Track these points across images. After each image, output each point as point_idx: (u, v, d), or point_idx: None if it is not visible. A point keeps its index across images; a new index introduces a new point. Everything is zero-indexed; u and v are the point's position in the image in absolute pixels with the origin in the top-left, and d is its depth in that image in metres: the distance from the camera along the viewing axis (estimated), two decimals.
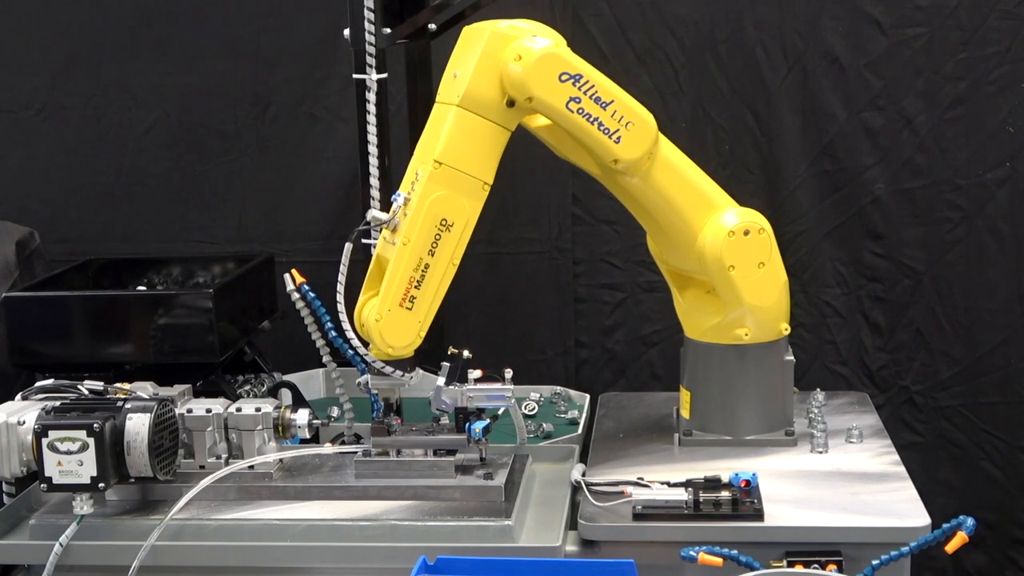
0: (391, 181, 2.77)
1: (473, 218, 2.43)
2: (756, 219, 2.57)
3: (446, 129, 2.41)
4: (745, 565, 2.16)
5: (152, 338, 2.71)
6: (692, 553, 2.14)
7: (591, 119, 2.43)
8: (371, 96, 2.70)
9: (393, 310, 2.39)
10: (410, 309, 2.40)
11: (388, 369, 2.47)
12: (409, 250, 2.39)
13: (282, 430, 2.50)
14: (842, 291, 3.34)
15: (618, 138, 2.45)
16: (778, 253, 2.60)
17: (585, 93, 2.42)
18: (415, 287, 2.39)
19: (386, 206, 2.75)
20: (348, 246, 2.44)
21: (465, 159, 2.42)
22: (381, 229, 2.46)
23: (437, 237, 2.39)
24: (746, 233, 2.55)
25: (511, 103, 2.43)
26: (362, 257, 2.78)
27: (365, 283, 2.49)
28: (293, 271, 2.63)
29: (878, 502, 2.38)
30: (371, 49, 2.69)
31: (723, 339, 2.63)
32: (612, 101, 2.44)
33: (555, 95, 2.41)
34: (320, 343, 2.67)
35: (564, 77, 2.41)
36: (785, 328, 2.65)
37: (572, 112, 2.42)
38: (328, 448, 2.57)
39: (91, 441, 2.28)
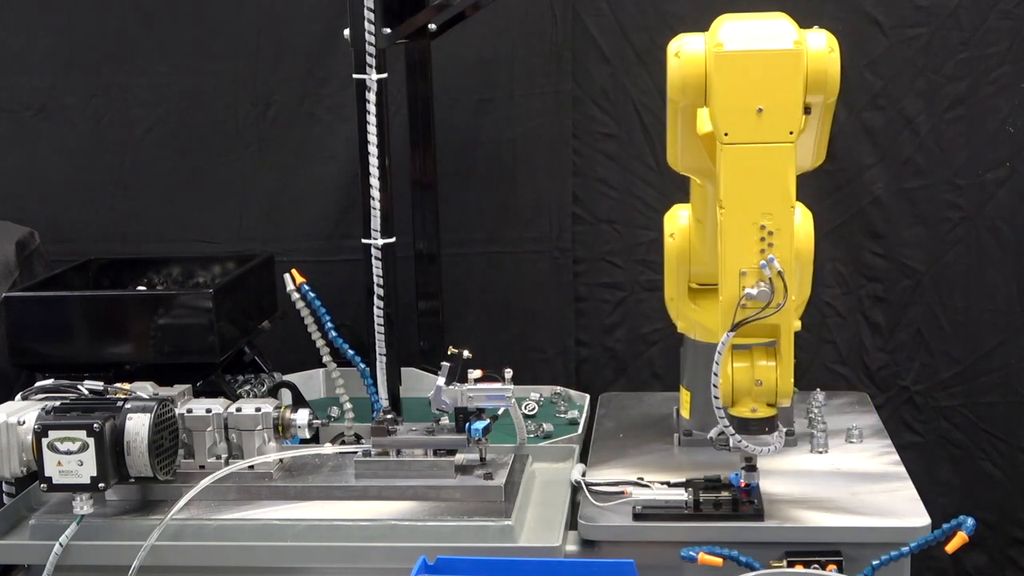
0: (391, 181, 2.77)
1: None
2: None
3: (791, 171, 2.21)
4: (745, 565, 2.16)
5: (152, 338, 2.71)
6: (692, 553, 2.15)
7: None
8: (371, 96, 2.70)
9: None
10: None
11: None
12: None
13: (282, 430, 2.50)
14: (842, 291, 3.34)
15: None
16: None
17: None
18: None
19: (387, 208, 2.77)
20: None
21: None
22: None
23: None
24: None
25: (807, 110, 2.25)
26: (359, 255, 2.80)
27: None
28: (293, 271, 2.63)
29: (878, 502, 2.39)
30: (371, 49, 2.69)
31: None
32: None
33: None
34: (320, 343, 2.67)
35: None
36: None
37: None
38: (328, 448, 2.57)
39: (91, 441, 2.28)
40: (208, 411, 2.46)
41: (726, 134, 2.22)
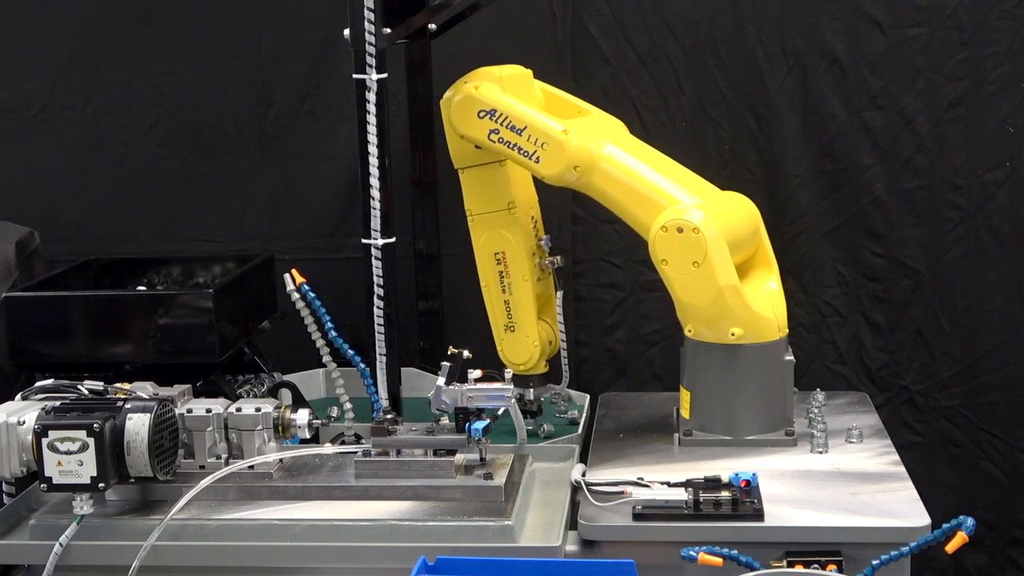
0: (391, 181, 2.77)
1: (516, 240, 2.86)
2: (693, 220, 2.57)
3: (463, 189, 2.88)
4: (745, 565, 2.16)
5: (152, 338, 2.71)
6: (692, 553, 2.14)
7: (511, 145, 2.71)
8: (371, 96, 2.70)
9: (505, 336, 2.93)
10: (514, 331, 2.90)
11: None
12: (488, 290, 2.92)
13: (282, 430, 2.50)
14: (842, 291, 3.34)
15: (537, 158, 2.70)
16: (720, 257, 2.57)
17: (501, 124, 2.71)
18: (508, 316, 2.91)
19: (387, 208, 2.77)
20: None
21: (482, 201, 2.87)
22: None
23: (500, 270, 2.89)
24: (679, 231, 2.58)
25: (477, 145, 2.79)
26: (359, 255, 2.80)
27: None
28: (293, 271, 2.63)
29: (878, 502, 2.39)
30: (371, 49, 2.69)
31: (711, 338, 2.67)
32: (525, 127, 2.70)
33: (478, 130, 2.74)
34: (320, 343, 2.67)
35: (481, 114, 2.73)
36: (733, 333, 2.63)
37: (494, 143, 2.73)
38: (328, 448, 2.57)
39: (91, 441, 2.28)
40: (208, 411, 2.46)
41: None
